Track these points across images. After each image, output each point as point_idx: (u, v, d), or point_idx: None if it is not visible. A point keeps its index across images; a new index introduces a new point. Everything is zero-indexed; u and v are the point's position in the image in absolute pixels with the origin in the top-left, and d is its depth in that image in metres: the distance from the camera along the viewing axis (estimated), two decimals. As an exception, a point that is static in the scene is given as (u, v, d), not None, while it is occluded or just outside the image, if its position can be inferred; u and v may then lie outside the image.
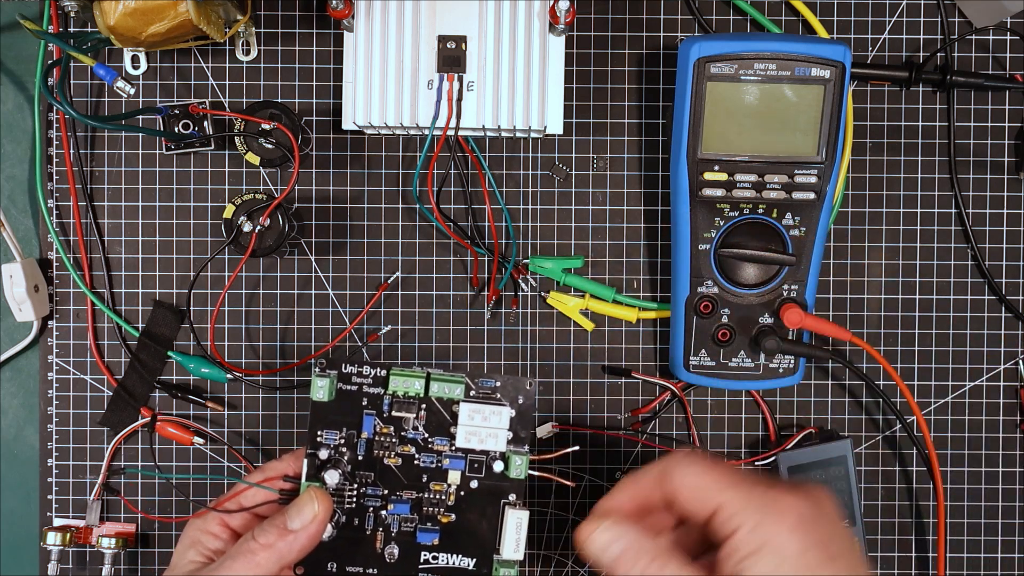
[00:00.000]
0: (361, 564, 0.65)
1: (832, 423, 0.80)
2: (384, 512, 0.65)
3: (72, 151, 0.78)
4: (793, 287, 0.74)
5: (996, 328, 0.80)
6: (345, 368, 0.65)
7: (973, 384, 0.80)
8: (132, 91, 0.70)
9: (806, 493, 0.54)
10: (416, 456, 0.65)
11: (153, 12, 0.68)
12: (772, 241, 0.73)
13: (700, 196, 0.72)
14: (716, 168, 0.71)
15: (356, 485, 0.65)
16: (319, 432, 0.65)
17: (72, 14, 0.71)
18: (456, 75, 0.72)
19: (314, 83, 0.79)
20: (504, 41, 0.72)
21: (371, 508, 0.65)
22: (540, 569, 0.80)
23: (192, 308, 0.79)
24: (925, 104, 0.79)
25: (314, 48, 0.79)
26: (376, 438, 0.65)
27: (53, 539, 0.77)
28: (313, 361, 0.65)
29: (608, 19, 0.79)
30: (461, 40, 0.72)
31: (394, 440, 0.65)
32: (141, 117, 0.79)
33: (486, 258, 0.79)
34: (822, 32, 0.78)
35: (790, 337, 0.75)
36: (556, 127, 0.74)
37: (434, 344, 0.80)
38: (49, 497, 0.80)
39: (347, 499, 0.65)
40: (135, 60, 0.79)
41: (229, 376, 0.78)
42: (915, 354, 0.80)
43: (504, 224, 0.79)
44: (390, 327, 0.80)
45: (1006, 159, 0.80)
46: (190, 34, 0.71)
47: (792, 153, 0.71)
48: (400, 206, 0.79)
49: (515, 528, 0.64)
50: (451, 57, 0.72)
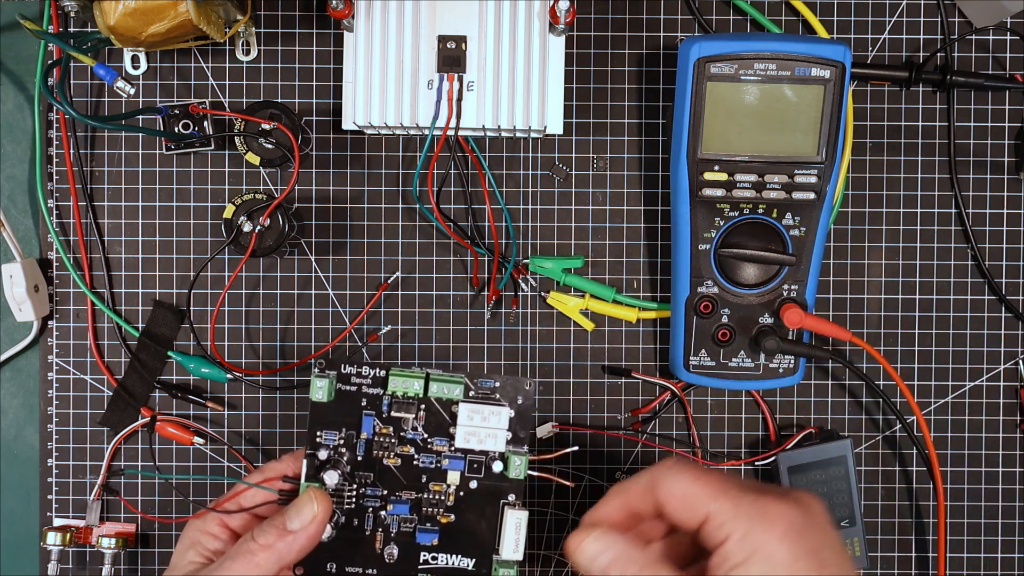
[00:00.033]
0: (360, 564, 0.65)
1: (832, 423, 0.80)
2: (383, 512, 0.65)
3: (72, 151, 0.78)
4: (793, 287, 0.74)
5: (996, 328, 0.80)
6: (344, 368, 0.65)
7: (973, 384, 0.80)
8: (132, 91, 0.70)
9: (796, 500, 0.53)
10: (415, 456, 0.65)
11: (153, 12, 0.67)
12: (772, 241, 0.73)
13: (700, 196, 0.72)
14: (716, 168, 0.71)
15: (355, 485, 0.65)
16: (318, 433, 0.64)
17: (72, 14, 0.71)
18: (456, 75, 0.72)
19: (314, 83, 0.79)
20: (504, 41, 0.72)
21: (370, 508, 0.65)
22: (540, 569, 0.80)
23: (192, 308, 0.79)
24: (925, 104, 0.79)
25: (314, 48, 0.79)
26: (375, 438, 0.65)
27: (53, 539, 0.77)
28: (313, 361, 0.65)
29: (608, 19, 0.79)
30: (461, 40, 0.72)
31: (393, 440, 0.65)
32: (141, 117, 0.78)
33: (486, 258, 0.79)
34: (822, 32, 0.78)
35: (790, 337, 0.75)
36: (556, 127, 0.74)
37: (434, 344, 0.79)
38: (49, 497, 0.79)
39: (346, 499, 0.64)
40: (135, 60, 0.78)
41: (229, 376, 0.78)
42: (915, 354, 0.80)
43: (504, 224, 0.78)
44: (390, 327, 0.79)
45: (1006, 159, 0.79)
46: (190, 34, 0.71)
47: (792, 153, 0.71)
48: (400, 206, 0.79)
49: (514, 528, 0.64)
50: (451, 57, 0.72)
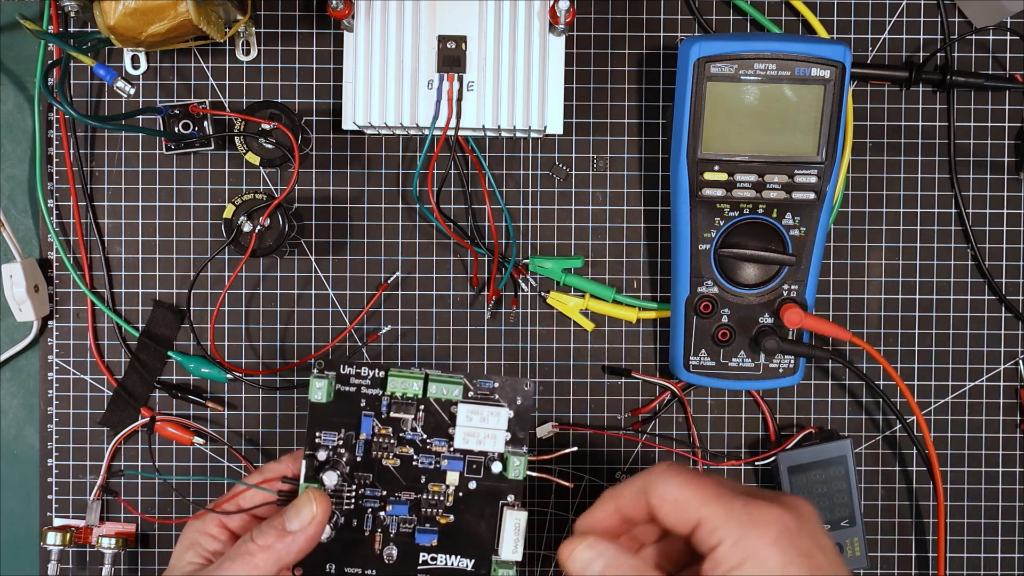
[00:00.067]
0: (360, 565, 0.64)
1: (832, 423, 0.79)
2: (383, 513, 0.64)
3: (72, 151, 0.78)
4: (793, 287, 0.73)
5: (996, 328, 0.79)
6: (343, 369, 0.64)
7: (973, 384, 0.79)
8: (132, 91, 0.70)
9: (787, 505, 0.53)
10: (414, 457, 0.64)
11: (153, 12, 0.67)
12: (772, 241, 0.73)
13: (700, 196, 0.71)
14: (716, 168, 0.71)
15: (354, 486, 0.64)
16: (317, 433, 0.64)
17: (72, 14, 0.71)
18: (456, 75, 0.72)
19: (314, 83, 0.78)
20: (504, 41, 0.72)
21: (369, 509, 0.64)
22: (540, 569, 0.79)
23: (192, 308, 0.78)
24: (925, 104, 0.79)
25: (314, 48, 0.78)
26: (374, 439, 0.64)
27: (53, 539, 0.76)
28: (313, 361, 0.64)
29: (608, 19, 0.78)
30: (461, 40, 0.72)
31: (392, 441, 0.64)
32: (141, 117, 0.78)
33: (486, 258, 0.78)
34: (822, 32, 0.78)
35: (790, 337, 0.74)
36: (556, 127, 0.74)
37: (434, 344, 0.79)
38: (49, 497, 0.79)
39: (345, 500, 0.64)
40: (135, 60, 0.78)
41: (229, 376, 0.77)
42: (915, 354, 0.79)
43: (504, 224, 0.78)
44: (390, 327, 0.79)
45: (1006, 159, 0.79)
46: (190, 34, 0.70)
47: (792, 153, 0.70)
48: (400, 206, 0.79)
49: (513, 529, 0.63)
50: (451, 57, 0.72)
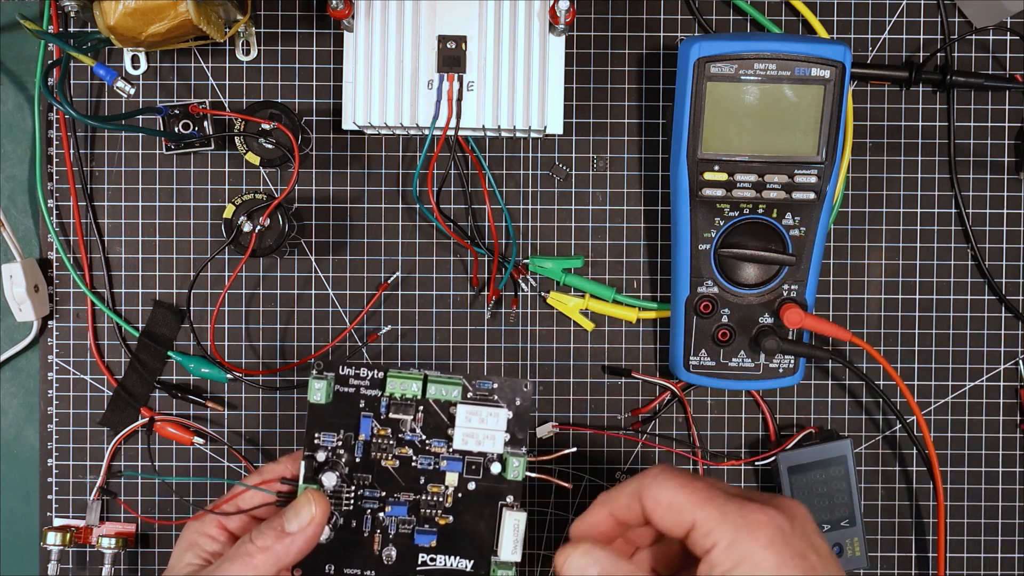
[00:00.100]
0: (359, 566, 0.63)
1: (832, 423, 0.79)
2: (382, 514, 0.63)
3: (72, 151, 0.77)
4: (793, 287, 0.73)
5: (996, 328, 0.79)
6: (342, 370, 0.63)
7: (973, 384, 0.79)
8: (132, 91, 0.69)
9: (780, 507, 0.52)
10: (413, 458, 0.63)
11: (153, 12, 0.67)
12: (772, 241, 0.72)
13: (700, 196, 0.71)
14: (716, 168, 0.70)
15: (354, 487, 0.63)
16: (316, 434, 0.63)
17: (72, 14, 0.70)
18: (456, 75, 0.71)
19: (314, 83, 0.77)
20: (504, 41, 0.71)
21: (369, 510, 0.63)
22: (540, 569, 0.79)
23: (192, 308, 0.78)
24: (925, 104, 0.78)
25: (314, 48, 0.78)
26: (373, 440, 0.63)
27: (53, 539, 0.76)
28: (313, 361, 0.64)
29: (608, 19, 0.78)
30: (461, 40, 0.71)
31: (391, 442, 0.63)
32: (141, 117, 0.77)
33: (486, 258, 0.77)
34: (822, 32, 0.77)
35: (790, 337, 0.74)
36: (556, 127, 0.73)
37: (434, 344, 0.78)
38: (49, 497, 0.78)
39: (345, 501, 0.63)
40: (135, 60, 0.77)
41: (229, 376, 0.77)
42: (915, 354, 0.79)
43: (504, 224, 0.77)
44: (390, 327, 0.78)
45: (1006, 159, 0.78)
46: (190, 34, 0.70)
47: (792, 153, 0.70)
48: (400, 206, 0.78)
49: (512, 530, 0.62)
50: (451, 57, 0.71)
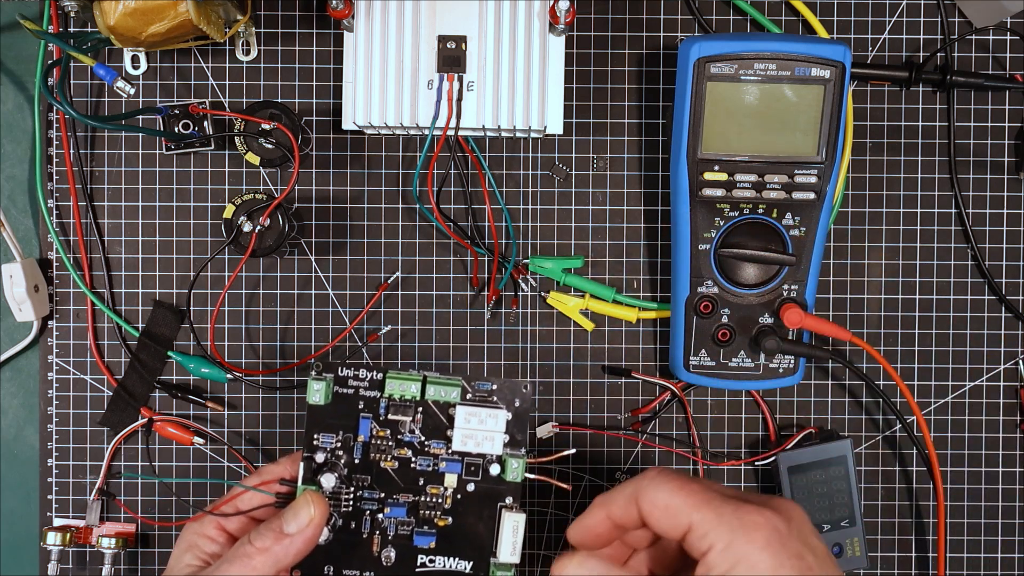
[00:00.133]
0: (358, 567, 0.63)
1: (832, 423, 0.78)
2: (381, 515, 0.63)
3: (72, 151, 0.76)
4: (793, 287, 0.72)
5: (996, 328, 0.78)
6: (341, 371, 0.62)
7: (973, 384, 0.78)
8: (132, 91, 0.68)
9: (776, 508, 0.52)
10: (412, 459, 0.63)
11: (153, 12, 0.66)
12: (772, 241, 0.71)
13: (700, 196, 0.70)
14: (716, 168, 0.70)
15: (352, 488, 0.63)
16: (315, 435, 0.62)
17: (72, 14, 0.70)
18: (456, 75, 0.71)
19: (314, 83, 0.77)
20: (504, 41, 0.71)
21: (368, 511, 0.63)
22: (540, 569, 0.78)
23: (192, 308, 0.77)
24: (925, 104, 0.77)
25: (314, 48, 0.77)
26: (372, 441, 0.63)
27: (53, 539, 0.75)
28: (312, 361, 0.63)
29: (608, 19, 0.77)
30: (461, 40, 0.71)
31: (390, 443, 0.63)
32: (141, 117, 0.77)
33: (486, 258, 0.77)
34: (822, 32, 0.76)
35: (790, 337, 0.73)
36: (556, 127, 0.73)
37: (434, 344, 0.77)
38: (49, 497, 0.78)
39: (344, 502, 0.62)
40: (135, 60, 0.77)
41: (229, 376, 0.76)
42: (915, 354, 0.78)
43: (504, 224, 0.77)
44: (390, 327, 0.77)
45: (1006, 159, 0.78)
46: (190, 34, 0.69)
47: (792, 153, 0.69)
48: (400, 206, 0.77)
49: (511, 531, 0.62)
50: (451, 57, 0.71)
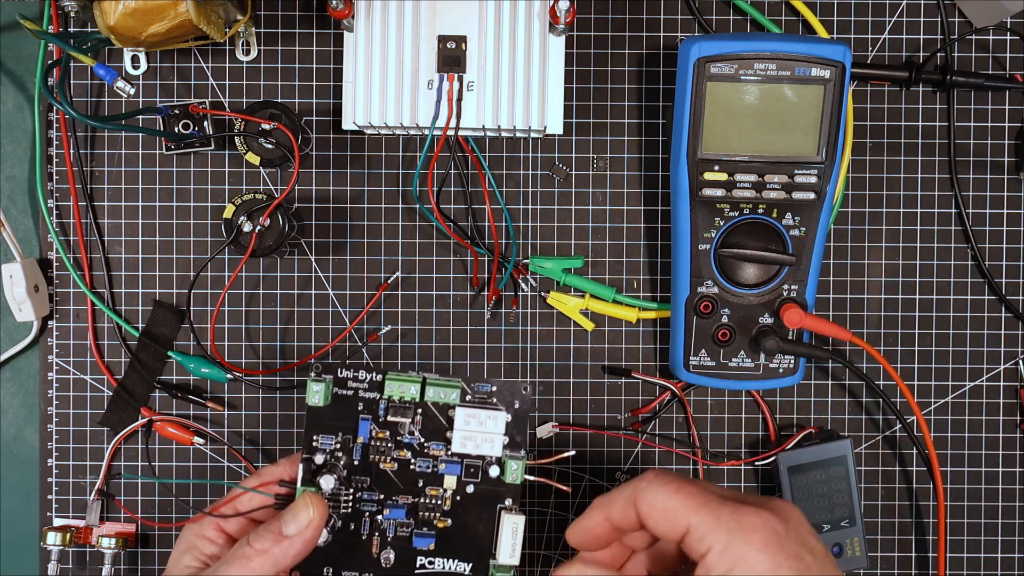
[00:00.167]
0: (357, 569, 0.62)
1: (832, 423, 0.77)
2: (380, 517, 0.62)
3: (72, 151, 0.76)
4: (793, 287, 0.71)
5: (996, 328, 0.77)
6: (341, 373, 0.62)
7: (973, 384, 0.77)
8: (132, 91, 0.68)
9: (773, 510, 0.51)
10: (412, 461, 0.62)
11: (153, 12, 0.65)
12: (772, 241, 0.71)
13: (700, 196, 0.69)
14: (716, 168, 0.69)
15: (352, 490, 0.62)
16: (315, 437, 0.62)
17: (72, 14, 0.69)
18: (456, 75, 0.70)
19: (314, 83, 0.76)
20: (504, 41, 0.70)
21: (367, 513, 0.62)
22: (540, 569, 0.77)
23: (192, 308, 0.76)
24: (925, 104, 0.77)
25: (314, 48, 0.76)
26: (372, 443, 0.62)
27: (53, 539, 0.74)
28: (312, 361, 0.62)
29: (608, 19, 0.76)
30: (461, 40, 0.70)
31: (390, 445, 0.62)
32: (141, 117, 0.76)
33: (486, 258, 0.76)
34: (822, 32, 0.76)
35: (790, 337, 0.72)
36: (556, 127, 0.72)
37: (434, 344, 0.77)
38: (49, 497, 0.77)
39: (343, 504, 0.62)
40: (135, 60, 0.76)
41: (229, 376, 0.75)
42: (915, 354, 0.77)
43: (504, 224, 0.76)
44: (390, 327, 0.77)
45: (1006, 159, 0.77)
46: (190, 34, 0.68)
47: (792, 153, 0.69)
48: (400, 206, 0.76)
49: (511, 533, 0.61)
50: (451, 57, 0.70)
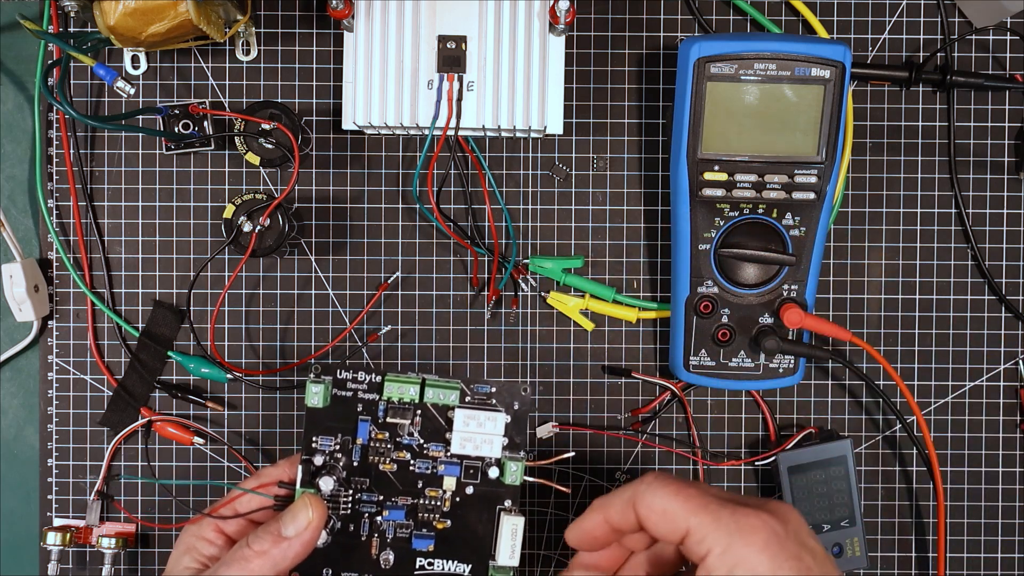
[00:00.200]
0: (356, 570, 0.61)
1: (832, 423, 0.76)
2: (379, 518, 0.61)
3: (72, 151, 0.75)
4: (793, 287, 0.70)
5: (996, 328, 0.76)
6: (340, 374, 0.61)
7: (973, 384, 0.76)
8: (132, 91, 0.67)
9: (772, 511, 0.51)
10: (411, 462, 0.61)
11: (153, 12, 0.65)
12: (772, 241, 0.70)
13: (700, 196, 0.69)
14: (716, 168, 0.68)
15: (351, 491, 0.61)
16: (314, 438, 0.61)
17: (72, 14, 0.68)
18: (456, 75, 0.69)
19: (314, 83, 0.75)
20: (504, 41, 0.69)
21: (366, 514, 0.61)
22: (540, 569, 0.76)
23: (192, 308, 0.75)
24: (925, 104, 0.76)
25: (314, 48, 0.75)
26: (371, 444, 0.61)
27: (53, 539, 0.74)
28: (312, 362, 0.61)
29: (608, 19, 0.75)
30: (461, 40, 0.69)
31: (389, 446, 0.61)
32: (141, 117, 0.75)
33: (486, 258, 0.75)
34: (822, 32, 0.75)
35: (790, 337, 0.72)
36: (556, 127, 0.71)
37: (434, 344, 0.76)
38: (49, 497, 0.76)
39: (342, 505, 0.61)
40: (135, 60, 0.75)
41: (229, 376, 0.74)
42: (915, 354, 0.76)
43: (504, 224, 0.75)
44: (390, 327, 0.76)
45: (1006, 159, 0.76)
46: (190, 34, 0.68)
47: (792, 153, 0.68)
48: (400, 206, 0.76)
49: (510, 534, 0.60)
50: (451, 57, 0.69)
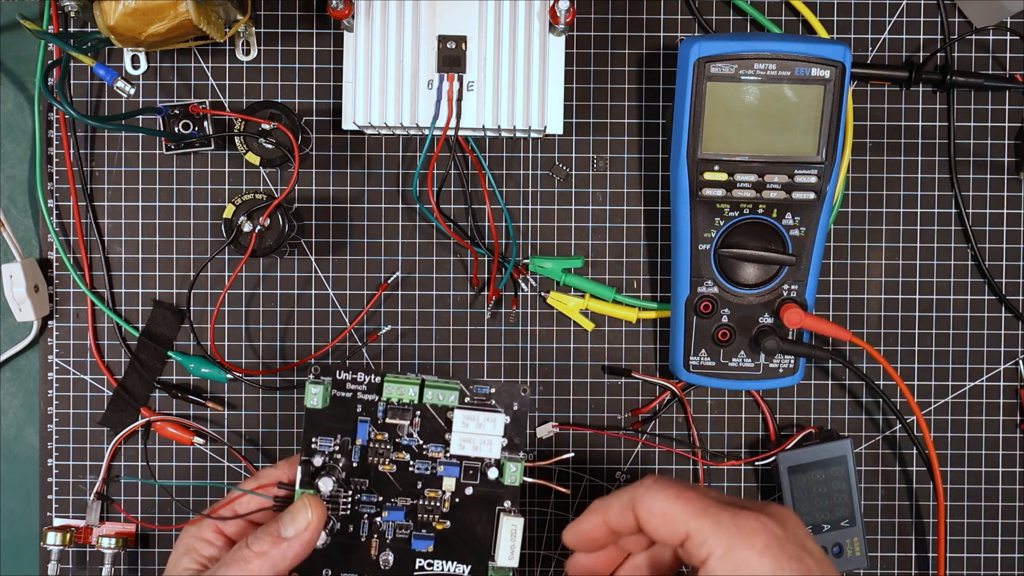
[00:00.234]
0: (356, 571, 0.61)
1: (832, 423, 0.76)
2: (379, 519, 0.60)
3: (72, 151, 0.74)
4: (793, 287, 0.70)
5: (996, 328, 0.76)
6: (339, 375, 0.60)
7: (973, 384, 0.76)
8: (132, 91, 0.66)
9: (772, 514, 0.51)
10: (411, 463, 0.60)
11: (153, 12, 0.64)
12: (772, 241, 0.69)
13: (700, 196, 0.68)
14: (716, 168, 0.67)
15: (350, 492, 0.60)
16: (313, 439, 0.60)
17: (72, 14, 0.68)
18: (456, 75, 0.68)
19: (314, 83, 0.74)
20: (504, 41, 0.69)
21: (366, 515, 0.60)
22: (540, 569, 0.76)
23: (192, 308, 0.75)
24: (925, 104, 0.75)
25: (314, 48, 0.74)
26: (370, 445, 0.60)
27: (53, 539, 0.73)
28: (312, 362, 0.61)
29: (608, 19, 0.75)
30: (461, 40, 0.68)
31: (388, 447, 0.60)
32: (141, 117, 0.74)
33: (486, 258, 0.74)
34: (822, 32, 0.74)
35: (790, 337, 0.71)
36: (556, 127, 0.70)
37: (434, 344, 0.75)
38: (49, 497, 0.76)
39: (342, 506, 0.60)
40: (135, 60, 0.74)
41: (229, 376, 0.74)
42: (915, 354, 0.76)
43: (504, 224, 0.74)
44: (390, 327, 0.75)
45: (1006, 159, 0.75)
46: (190, 34, 0.67)
47: (792, 153, 0.67)
48: (400, 206, 0.75)
49: (510, 535, 0.60)
50: (451, 57, 0.69)
